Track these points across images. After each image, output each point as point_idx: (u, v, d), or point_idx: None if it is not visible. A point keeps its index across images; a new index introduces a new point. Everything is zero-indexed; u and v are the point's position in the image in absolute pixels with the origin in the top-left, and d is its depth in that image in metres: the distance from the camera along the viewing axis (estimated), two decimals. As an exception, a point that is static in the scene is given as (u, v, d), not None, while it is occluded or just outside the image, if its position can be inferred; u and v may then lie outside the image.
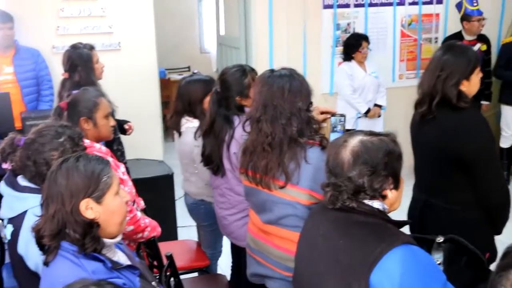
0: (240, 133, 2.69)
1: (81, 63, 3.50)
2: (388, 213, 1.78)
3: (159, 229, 2.76)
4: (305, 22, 5.64)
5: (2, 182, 2.13)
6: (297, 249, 1.98)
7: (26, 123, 4.35)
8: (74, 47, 3.63)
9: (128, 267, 1.73)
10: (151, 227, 2.70)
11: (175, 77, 8.08)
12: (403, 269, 1.59)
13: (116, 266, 1.67)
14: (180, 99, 3.25)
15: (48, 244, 1.63)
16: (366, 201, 1.74)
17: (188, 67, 8.84)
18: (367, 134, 1.79)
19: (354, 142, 1.76)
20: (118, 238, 1.76)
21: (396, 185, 1.77)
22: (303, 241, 1.95)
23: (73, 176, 1.63)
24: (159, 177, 4.28)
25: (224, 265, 3.79)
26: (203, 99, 3.18)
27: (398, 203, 1.82)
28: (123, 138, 3.90)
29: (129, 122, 4.03)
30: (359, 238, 1.70)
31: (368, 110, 5.34)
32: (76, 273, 1.55)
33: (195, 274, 3.46)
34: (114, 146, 3.56)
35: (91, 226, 1.64)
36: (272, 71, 2.38)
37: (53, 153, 2.02)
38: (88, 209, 1.64)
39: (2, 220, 3.95)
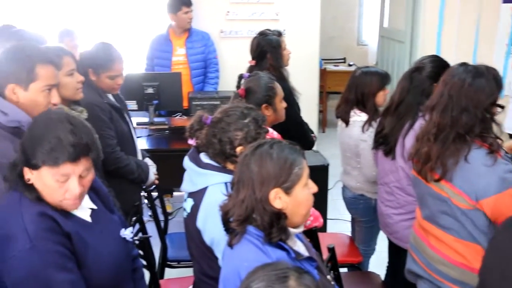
0: (420, 124, 2.58)
1: (270, 49, 3.47)
2: None
3: (321, 220, 2.73)
4: (480, 17, 5.26)
5: (186, 157, 2.22)
6: (484, 260, 1.82)
7: (193, 103, 4.57)
8: (262, 34, 3.60)
9: (307, 258, 1.70)
10: (313, 216, 2.67)
11: (330, 67, 8.01)
12: None
13: (298, 257, 1.64)
14: (352, 89, 3.16)
15: (235, 228, 1.64)
16: None
17: (344, 59, 8.73)
18: None
19: None
20: (300, 229, 1.73)
21: None
22: (494, 252, 1.79)
23: (266, 164, 1.61)
24: (315, 167, 4.21)
25: (375, 264, 3.68)
26: (377, 93, 3.09)
27: None
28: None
29: (313, 134, 3.90)
30: None
31: None
32: (261, 259, 1.54)
33: (344, 270, 3.39)
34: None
35: (279, 217, 1.61)
36: (463, 64, 2.27)
37: (237, 133, 2.05)
38: (277, 198, 1.62)
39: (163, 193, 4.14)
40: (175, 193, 5.08)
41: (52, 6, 5.50)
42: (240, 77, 3.17)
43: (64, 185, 1.65)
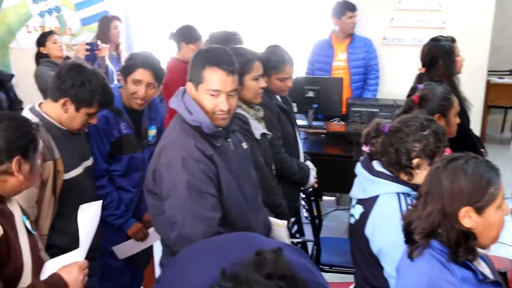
0: None
1: (443, 55, 3.36)
2: None
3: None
4: None
5: (359, 163, 2.21)
6: None
7: (351, 109, 4.57)
8: (434, 40, 3.52)
9: (493, 282, 1.61)
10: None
11: (494, 80, 7.50)
12: None
13: (485, 279, 1.56)
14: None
15: (418, 240, 1.60)
16: None
17: (510, 71, 8.13)
18: None
19: None
20: (487, 250, 1.64)
21: None
22: None
23: (459, 180, 1.55)
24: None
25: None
26: None
27: None
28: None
29: (483, 149, 3.70)
30: None
31: None
32: (444, 276, 1.49)
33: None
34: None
35: (467, 237, 1.55)
36: None
37: (416, 145, 2.00)
38: (466, 217, 1.55)
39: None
40: (324, 198, 5.09)
41: (217, 9, 5.79)
42: (414, 88, 3.09)
43: None
